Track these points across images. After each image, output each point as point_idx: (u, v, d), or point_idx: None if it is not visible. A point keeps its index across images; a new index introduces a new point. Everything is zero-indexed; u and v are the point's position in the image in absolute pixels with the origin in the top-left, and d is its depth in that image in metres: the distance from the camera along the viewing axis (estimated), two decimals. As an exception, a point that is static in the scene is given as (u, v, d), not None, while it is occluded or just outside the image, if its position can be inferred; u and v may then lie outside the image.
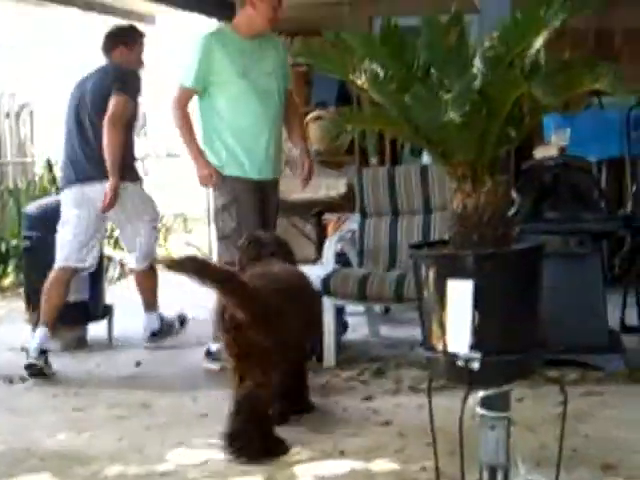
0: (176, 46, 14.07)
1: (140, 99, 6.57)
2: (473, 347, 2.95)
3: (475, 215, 3.02)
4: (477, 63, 2.95)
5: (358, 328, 6.78)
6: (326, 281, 5.91)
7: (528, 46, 2.82)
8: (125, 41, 6.66)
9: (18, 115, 11.58)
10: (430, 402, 3.30)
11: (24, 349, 6.63)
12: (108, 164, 6.13)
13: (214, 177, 5.80)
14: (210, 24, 11.00)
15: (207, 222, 11.00)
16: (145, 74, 6.93)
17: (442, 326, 2.99)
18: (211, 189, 6.12)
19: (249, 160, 5.82)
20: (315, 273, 5.97)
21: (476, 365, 2.96)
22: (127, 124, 6.29)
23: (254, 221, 5.69)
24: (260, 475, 4.15)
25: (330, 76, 3.33)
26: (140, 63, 6.70)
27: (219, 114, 5.81)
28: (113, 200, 6.17)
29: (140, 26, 12.61)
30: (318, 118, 9.86)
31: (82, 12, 10.77)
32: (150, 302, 6.74)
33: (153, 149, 13.62)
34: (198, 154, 5.82)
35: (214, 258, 10.47)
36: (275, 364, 4.44)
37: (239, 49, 5.77)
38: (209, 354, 6.07)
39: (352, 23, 10.04)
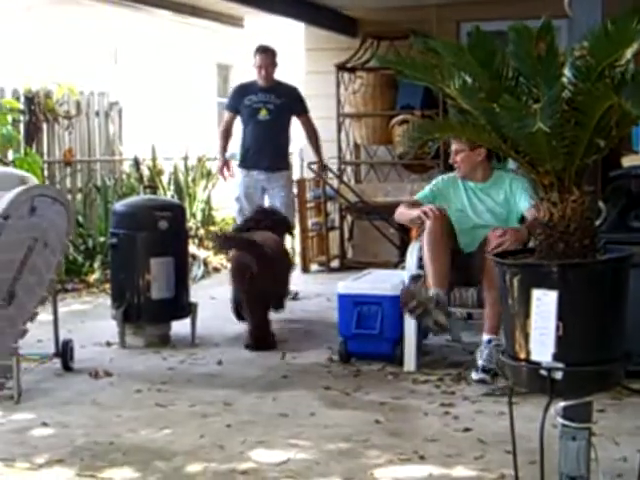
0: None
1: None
2: (556, 357, 2.94)
3: (561, 225, 3.01)
4: (567, 72, 2.94)
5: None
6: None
7: (619, 57, 2.81)
8: None
9: (107, 114, 11.76)
10: (511, 410, 3.29)
11: (109, 344, 6.79)
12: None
13: None
14: (298, 27, 11.09)
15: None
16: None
17: (525, 335, 2.99)
18: None
19: None
20: (398, 277, 5.99)
21: (559, 375, 2.95)
22: None
23: None
24: (339, 476, 4.17)
25: (416, 80, 3.33)
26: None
27: None
28: None
29: (228, 29, 12.82)
30: (404, 121, 9.87)
31: (172, 14, 10.93)
32: None
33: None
34: None
35: (297, 259, 10.54)
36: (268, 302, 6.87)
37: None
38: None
39: (439, 27, 10.04)
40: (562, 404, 3.15)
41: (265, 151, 8.66)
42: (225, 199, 11.49)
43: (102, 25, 14.05)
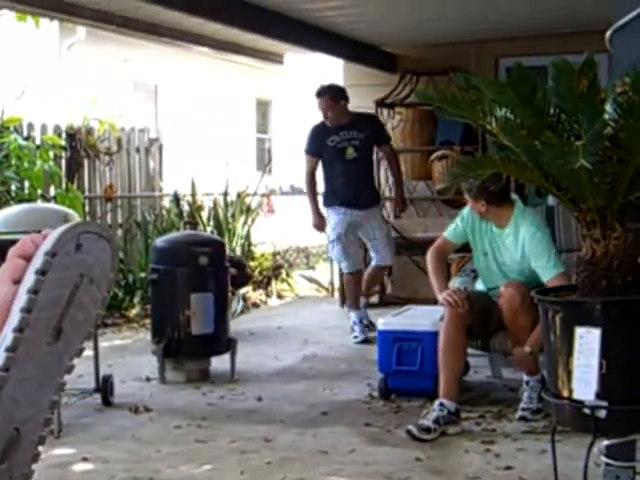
0: (304, 84, 14.27)
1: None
2: (599, 395, 2.91)
3: (604, 262, 2.99)
4: (608, 108, 2.93)
5: (480, 369, 6.73)
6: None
7: (662, 92, 2.80)
8: None
9: (147, 150, 11.86)
10: (554, 448, 3.26)
11: (149, 379, 6.80)
12: None
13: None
14: (338, 64, 11.16)
15: (329, 258, 11.11)
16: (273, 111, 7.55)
17: (568, 373, 2.96)
18: None
19: None
20: (438, 313, 5.95)
21: (602, 414, 2.92)
22: None
23: None
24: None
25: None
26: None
27: None
28: None
29: (268, 65, 12.90)
30: (443, 157, 9.88)
31: (212, 51, 11.02)
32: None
33: (278, 185, 13.80)
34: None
35: (335, 294, 10.56)
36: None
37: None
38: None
39: (478, 63, 10.06)
40: (605, 443, 3.12)
41: (360, 189, 8.37)
42: (264, 235, 11.54)
43: (142, 62, 14.20)
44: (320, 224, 8.57)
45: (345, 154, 8.30)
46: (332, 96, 8.26)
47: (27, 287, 1.20)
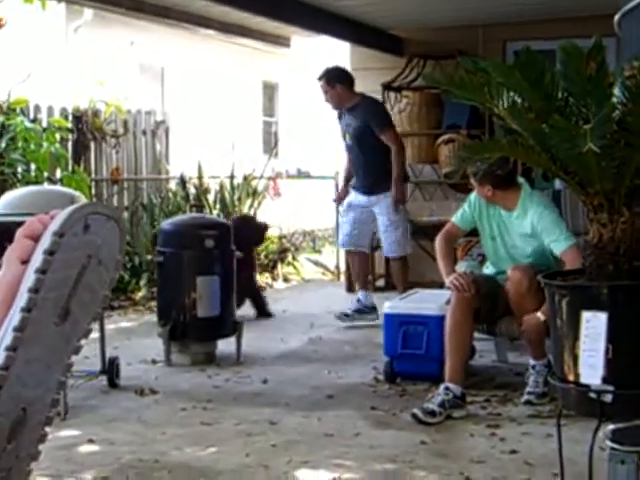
0: (310, 67, 14.24)
1: None
2: (606, 380, 2.91)
3: (611, 246, 2.98)
4: (616, 92, 2.92)
5: (486, 354, 6.73)
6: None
7: (670, 76, 2.79)
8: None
9: (154, 133, 11.85)
10: (559, 433, 3.26)
11: (155, 362, 6.81)
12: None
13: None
14: (344, 47, 11.14)
15: (335, 241, 11.12)
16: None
17: (574, 357, 2.96)
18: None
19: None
20: (444, 296, 5.94)
21: (608, 398, 2.92)
22: None
23: None
24: (384, 498, 4.16)
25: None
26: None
27: None
28: None
29: (274, 48, 12.87)
30: (450, 141, 9.86)
31: (219, 34, 11.00)
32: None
33: (284, 168, 13.78)
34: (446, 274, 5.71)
35: (342, 278, 10.57)
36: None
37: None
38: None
39: (485, 47, 10.03)
40: (611, 427, 3.11)
41: (359, 175, 8.39)
42: (270, 218, 11.55)
43: (149, 45, 14.18)
44: (338, 196, 9.10)
45: (345, 139, 8.37)
46: (327, 80, 8.12)
47: (35, 267, 1.20)
